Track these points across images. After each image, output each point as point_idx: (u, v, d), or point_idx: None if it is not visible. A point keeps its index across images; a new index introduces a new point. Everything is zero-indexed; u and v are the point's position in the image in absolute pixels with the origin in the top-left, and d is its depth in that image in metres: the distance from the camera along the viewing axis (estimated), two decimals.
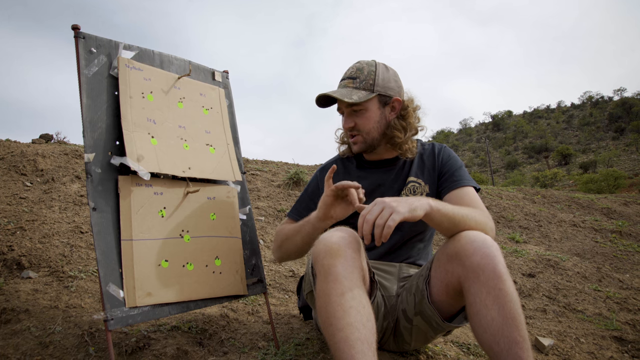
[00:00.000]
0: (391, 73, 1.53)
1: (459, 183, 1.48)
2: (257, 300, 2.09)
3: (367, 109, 1.49)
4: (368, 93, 1.47)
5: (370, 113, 1.49)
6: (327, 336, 1.13)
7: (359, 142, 1.54)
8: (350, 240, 1.23)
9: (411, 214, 1.16)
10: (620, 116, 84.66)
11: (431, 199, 1.24)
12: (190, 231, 1.45)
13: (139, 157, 1.33)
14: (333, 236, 1.23)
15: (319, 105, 1.55)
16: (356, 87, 1.48)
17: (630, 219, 5.47)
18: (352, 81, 1.49)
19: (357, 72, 1.50)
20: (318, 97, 1.51)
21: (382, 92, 1.49)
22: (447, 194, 1.49)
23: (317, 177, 1.68)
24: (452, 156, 1.58)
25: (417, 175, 1.56)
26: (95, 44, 1.36)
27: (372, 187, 1.57)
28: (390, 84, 1.51)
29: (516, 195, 6.20)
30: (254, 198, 3.95)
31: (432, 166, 1.57)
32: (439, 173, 1.55)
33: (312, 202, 1.60)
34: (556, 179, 37.83)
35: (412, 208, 1.17)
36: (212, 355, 1.49)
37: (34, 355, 1.36)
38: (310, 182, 1.70)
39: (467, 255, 1.19)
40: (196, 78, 1.64)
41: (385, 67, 1.53)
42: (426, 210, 1.20)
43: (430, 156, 1.59)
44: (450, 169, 1.53)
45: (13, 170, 3.13)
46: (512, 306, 1.11)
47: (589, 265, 3.45)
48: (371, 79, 1.48)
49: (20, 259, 1.99)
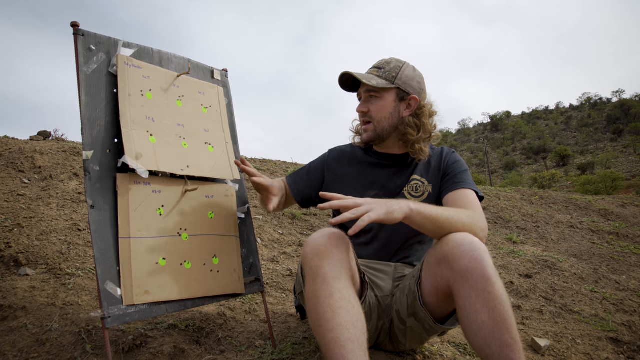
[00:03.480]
0: (417, 74, 1.58)
1: (459, 185, 1.49)
2: (254, 299, 2.09)
3: (382, 97, 1.53)
4: (388, 83, 1.51)
5: (384, 102, 1.53)
6: (318, 337, 1.14)
7: (369, 130, 1.57)
8: (338, 241, 1.23)
9: (388, 217, 1.17)
10: (618, 118, 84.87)
11: (412, 202, 1.24)
12: (188, 229, 1.45)
13: (137, 155, 1.33)
14: (321, 237, 1.24)
15: (341, 84, 1.61)
16: (379, 76, 1.53)
17: (628, 221, 5.49)
18: (377, 70, 1.55)
19: (384, 63, 1.56)
20: (342, 75, 1.56)
21: (401, 87, 1.53)
22: (447, 194, 1.50)
23: (325, 157, 1.71)
24: (458, 160, 1.60)
25: (422, 174, 1.58)
26: (94, 42, 1.36)
27: (373, 179, 1.59)
28: (412, 82, 1.55)
29: (514, 196, 6.21)
30: (252, 197, 3.95)
31: (438, 167, 1.59)
32: (443, 174, 1.57)
33: (308, 177, 1.67)
34: (554, 180, 37.90)
35: (390, 211, 1.18)
36: (209, 353, 1.49)
37: (30, 352, 1.36)
38: (317, 158, 1.73)
39: (455, 258, 1.19)
40: (195, 76, 1.64)
41: (413, 68, 1.58)
42: (405, 213, 1.21)
43: (437, 158, 1.61)
44: (454, 171, 1.55)
45: (11, 167, 3.12)
46: (502, 309, 1.11)
47: (586, 267, 3.46)
48: (395, 72, 1.53)
49: (18, 256, 1.98)
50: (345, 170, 1.64)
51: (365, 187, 1.58)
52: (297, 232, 3.34)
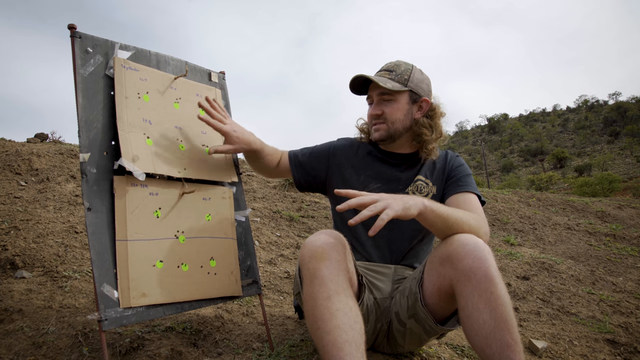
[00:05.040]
0: (425, 77, 1.60)
1: (463, 188, 1.51)
2: (251, 301, 2.09)
3: (397, 100, 1.54)
4: (401, 86, 1.52)
5: (399, 104, 1.54)
6: (316, 339, 1.14)
7: (382, 129, 1.57)
8: (335, 243, 1.24)
9: (405, 212, 1.17)
10: (615, 120, 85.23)
11: (426, 199, 1.25)
12: (186, 232, 1.45)
13: (134, 158, 1.33)
14: (318, 240, 1.24)
15: (352, 87, 1.60)
16: (391, 79, 1.54)
17: (624, 223, 5.51)
18: (389, 73, 1.56)
19: (394, 66, 1.57)
20: (355, 77, 1.55)
21: (414, 89, 1.54)
22: (450, 197, 1.52)
23: (332, 144, 1.71)
24: (463, 164, 1.63)
25: (427, 175, 1.60)
26: (91, 44, 1.36)
27: (378, 172, 1.60)
28: (422, 84, 1.57)
29: (511, 198, 6.23)
30: (249, 199, 3.95)
31: (442, 170, 1.60)
32: (447, 177, 1.59)
33: (310, 156, 1.67)
34: (551, 182, 37.99)
35: (407, 206, 1.18)
36: (206, 356, 1.48)
37: (27, 355, 1.35)
38: (325, 143, 1.73)
39: (459, 258, 1.20)
40: (192, 79, 1.64)
41: (420, 70, 1.60)
42: (420, 209, 1.21)
43: (442, 161, 1.63)
44: (458, 175, 1.57)
45: (7, 169, 3.11)
46: (504, 309, 1.12)
47: (583, 268, 3.46)
48: (406, 75, 1.54)
49: (14, 258, 1.98)
50: (352, 159, 1.64)
51: (369, 178, 1.59)
52: (294, 235, 3.34)
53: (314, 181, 1.66)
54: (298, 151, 1.70)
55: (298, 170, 1.66)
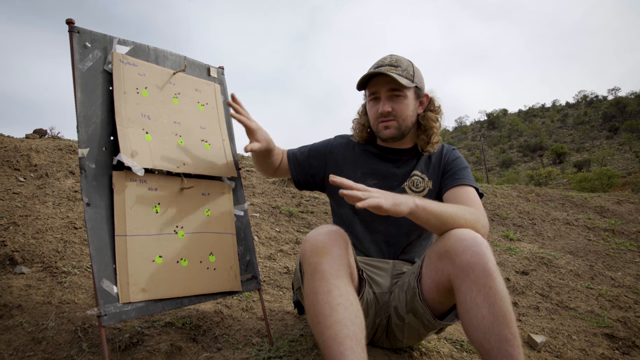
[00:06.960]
0: (420, 72, 1.59)
1: (459, 181, 1.50)
2: (251, 296, 2.09)
3: (406, 96, 1.52)
4: (409, 82, 1.50)
5: (408, 101, 1.52)
6: (316, 334, 1.14)
7: (393, 127, 1.53)
8: (336, 238, 1.24)
9: (394, 208, 1.18)
10: (614, 115, 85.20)
11: (417, 198, 1.25)
12: (185, 227, 1.45)
13: (132, 153, 1.33)
14: (319, 234, 1.24)
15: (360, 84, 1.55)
16: (400, 74, 1.49)
17: (623, 218, 5.52)
18: (395, 68, 1.50)
19: (397, 61, 1.53)
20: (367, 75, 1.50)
21: (418, 85, 1.54)
22: (447, 191, 1.51)
23: (330, 141, 1.71)
24: (459, 157, 1.61)
25: (423, 170, 1.59)
26: (89, 39, 1.35)
27: (375, 168, 1.60)
28: (422, 79, 1.57)
29: (510, 193, 6.23)
30: (249, 194, 3.95)
31: (438, 164, 1.60)
32: (443, 171, 1.58)
33: (309, 159, 1.66)
34: (550, 177, 38.01)
35: (397, 203, 1.19)
36: (205, 351, 1.49)
37: (26, 351, 1.36)
38: (323, 141, 1.72)
39: (457, 253, 1.20)
40: (191, 74, 1.63)
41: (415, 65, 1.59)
42: (411, 208, 1.21)
43: (437, 155, 1.62)
44: (454, 168, 1.56)
45: (6, 165, 3.10)
46: (503, 304, 1.12)
47: (582, 263, 3.47)
48: (411, 71, 1.53)
49: (13, 254, 1.98)
50: (349, 156, 1.64)
51: (365, 174, 1.59)
52: (294, 230, 3.34)
53: (313, 179, 1.66)
54: (296, 150, 1.70)
55: (297, 169, 1.66)
